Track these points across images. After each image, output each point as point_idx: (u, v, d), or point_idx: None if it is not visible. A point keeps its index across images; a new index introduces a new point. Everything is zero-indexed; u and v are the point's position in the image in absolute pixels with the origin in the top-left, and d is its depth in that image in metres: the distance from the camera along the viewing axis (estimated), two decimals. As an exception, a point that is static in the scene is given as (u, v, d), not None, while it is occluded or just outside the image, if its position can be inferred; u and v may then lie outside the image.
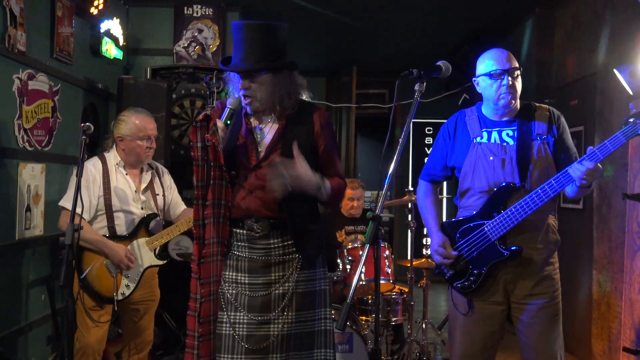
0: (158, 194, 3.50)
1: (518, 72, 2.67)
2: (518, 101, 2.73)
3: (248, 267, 2.38)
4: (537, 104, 2.76)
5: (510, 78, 2.62)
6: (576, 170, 2.46)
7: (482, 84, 2.71)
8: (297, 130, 2.35)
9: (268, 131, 2.38)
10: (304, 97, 2.43)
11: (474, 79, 2.75)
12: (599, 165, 2.45)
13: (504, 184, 2.61)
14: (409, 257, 4.54)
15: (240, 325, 2.36)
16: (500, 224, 2.60)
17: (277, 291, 2.37)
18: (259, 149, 2.37)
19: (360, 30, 6.57)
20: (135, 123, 3.34)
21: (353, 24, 6.32)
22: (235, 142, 2.33)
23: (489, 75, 2.65)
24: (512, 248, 2.60)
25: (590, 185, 2.51)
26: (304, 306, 2.39)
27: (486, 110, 2.77)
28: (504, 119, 2.72)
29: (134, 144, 3.33)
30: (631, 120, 2.43)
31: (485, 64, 2.68)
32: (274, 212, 2.33)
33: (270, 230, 2.35)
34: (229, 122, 2.21)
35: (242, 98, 2.30)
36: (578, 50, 5.01)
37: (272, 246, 2.38)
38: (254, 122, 2.41)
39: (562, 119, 2.73)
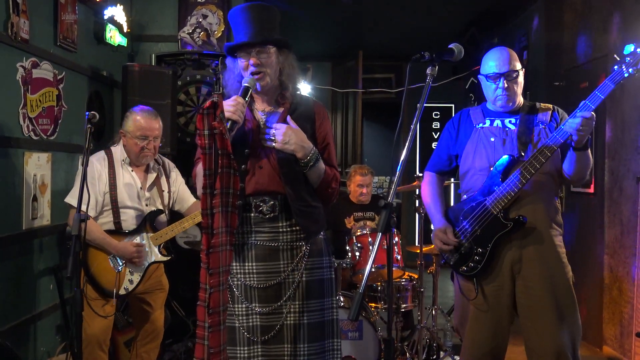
0: (164, 191, 3.48)
1: (517, 73, 2.71)
2: (520, 98, 2.78)
3: (256, 255, 2.38)
4: (542, 104, 2.80)
5: (506, 81, 2.68)
6: (572, 123, 2.45)
7: (483, 84, 2.79)
8: (298, 122, 2.41)
9: (272, 115, 2.44)
10: (301, 82, 2.50)
11: (478, 76, 2.83)
12: (593, 114, 2.44)
13: (504, 156, 2.63)
14: (417, 243, 4.51)
15: (253, 317, 2.36)
16: (501, 196, 2.59)
17: (286, 280, 2.37)
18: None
19: (366, 15, 6.50)
20: (135, 120, 3.30)
21: (359, 8, 6.25)
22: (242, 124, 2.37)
23: (486, 77, 2.74)
24: (516, 218, 2.58)
25: (583, 141, 2.47)
26: (312, 295, 2.40)
27: (489, 106, 2.84)
28: (506, 112, 2.77)
29: (131, 141, 3.31)
30: (616, 66, 2.48)
31: (486, 64, 2.75)
32: (280, 187, 2.36)
33: (279, 211, 2.37)
34: (246, 99, 2.29)
35: (253, 75, 2.36)
36: (588, 31, 4.93)
37: (281, 230, 2.38)
38: (258, 107, 2.46)
39: (566, 115, 2.74)
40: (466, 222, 2.70)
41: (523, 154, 2.61)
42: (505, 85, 2.67)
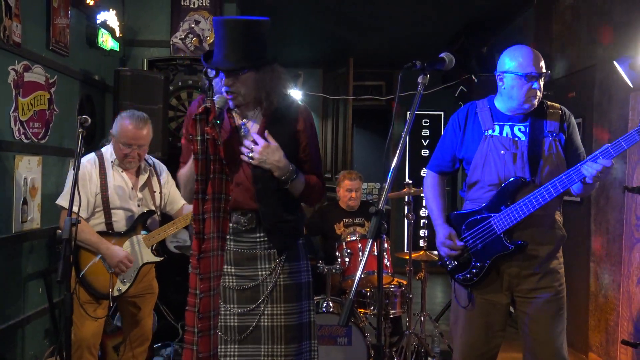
0: (155, 192, 3.49)
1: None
2: None
3: (234, 259, 2.42)
4: (549, 102, 2.76)
5: (540, 83, 2.61)
6: (590, 168, 2.44)
7: (510, 82, 2.64)
8: (279, 126, 2.38)
9: (252, 126, 2.41)
10: (289, 90, 2.46)
11: (499, 72, 2.69)
12: (613, 162, 2.44)
13: (514, 177, 2.60)
14: (405, 250, 4.53)
15: (231, 317, 2.40)
16: (507, 218, 2.59)
17: (264, 283, 2.41)
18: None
19: (356, 22, 6.54)
20: (122, 125, 3.27)
21: (350, 15, 6.29)
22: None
23: (523, 75, 2.59)
24: (518, 242, 2.59)
25: (596, 183, 2.52)
26: (290, 298, 2.43)
27: (500, 104, 2.74)
28: (517, 114, 2.70)
29: (116, 145, 3.30)
30: None
31: (518, 62, 2.61)
32: (255, 204, 2.36)
33: (256, 224, 2.40)
34: (218, 121, 2.21)
35: (225, 94, 2.32)
36: (576, 41, 5.00)
37: (258, 240, 2.42)
38: (237, 118, 2.42)
39: (573, 119, 2.74)
40: (468, 233, 2.70)
41: (534, 178, 2.59)
42: (540, 87, 2.61)
